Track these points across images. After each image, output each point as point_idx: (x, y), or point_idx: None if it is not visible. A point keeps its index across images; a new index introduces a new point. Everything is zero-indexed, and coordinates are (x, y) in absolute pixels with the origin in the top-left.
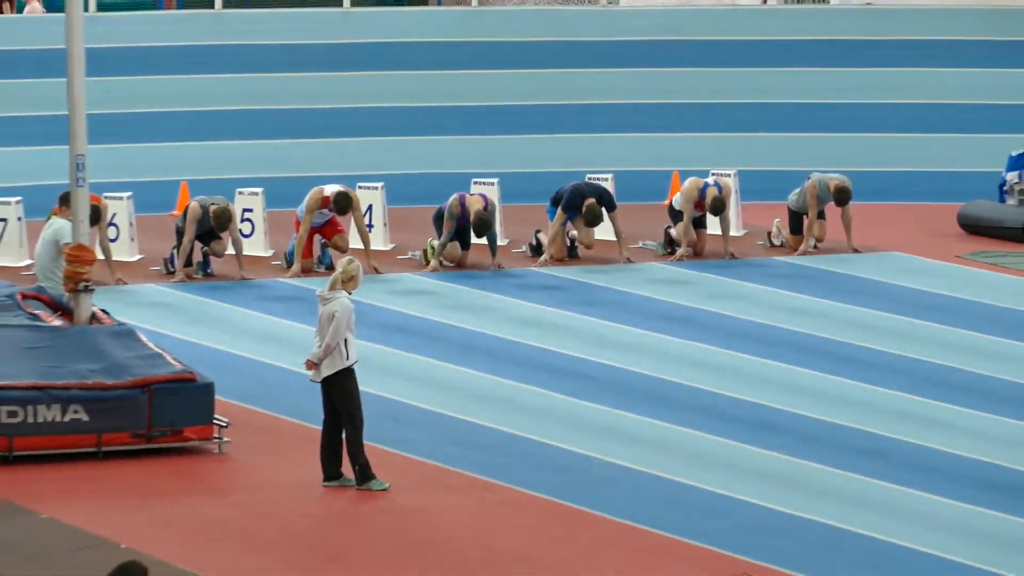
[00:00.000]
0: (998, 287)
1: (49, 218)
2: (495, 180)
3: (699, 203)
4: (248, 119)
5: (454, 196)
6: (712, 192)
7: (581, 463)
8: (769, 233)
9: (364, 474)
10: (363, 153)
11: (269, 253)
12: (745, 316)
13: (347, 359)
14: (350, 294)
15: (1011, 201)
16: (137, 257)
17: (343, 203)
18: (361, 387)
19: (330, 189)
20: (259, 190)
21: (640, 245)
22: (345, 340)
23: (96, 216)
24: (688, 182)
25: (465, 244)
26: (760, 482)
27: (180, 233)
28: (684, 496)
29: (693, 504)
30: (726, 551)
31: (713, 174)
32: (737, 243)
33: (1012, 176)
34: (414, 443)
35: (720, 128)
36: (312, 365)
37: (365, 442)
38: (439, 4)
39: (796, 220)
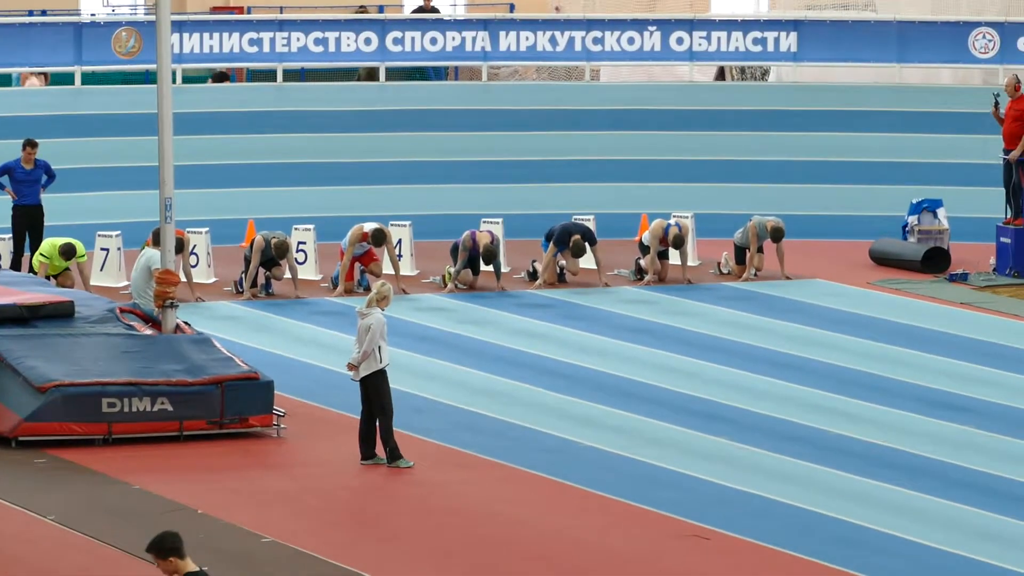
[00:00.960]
0: (901, 307)
1: (143, 248)
2: (500, 219)
3: (663, 239)
4: (303, 170)
5: (467, 232)
6: (674, 230)
7: (566, 446)
8: (719, 263)
9: (393, 454)
10: (395, 197)
11: (319, 277)
12: (699, 329)
13: (380, 362)
14: (383, 310)
15: (912, 239)
16: (213, 280)
17: (379, 237)
18: (391, 385)
19: (368, 226)
20: (311, 226)
21: (615, 272)
22: (379, 347)
23: (180, 247)
24: (655, 222)
25: (476, 271)
26: (709, 462)
27: (247, 260)
28: (648, 473)
29: (655, 479)
30: (681, 517)
31: (674, 216)
32: (693, 271)
33: (913, 219)
34: (434, 430)
35: (681, 179)
36: (352, 367)
37: (395, 429)
38: (456, 79)
39: (740, 253)
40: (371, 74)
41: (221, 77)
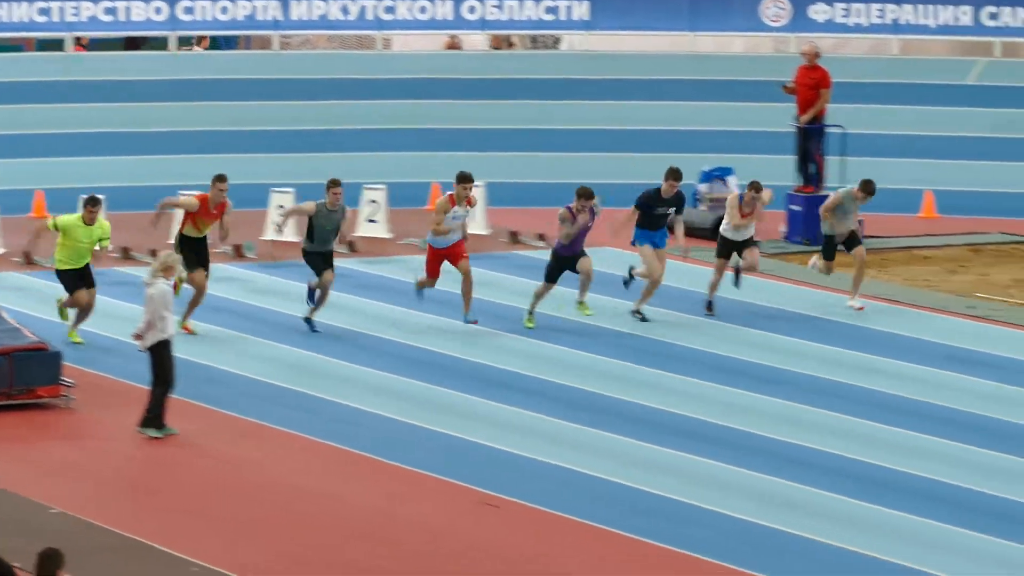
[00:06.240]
0: (691, 275)
1: None
2: (292, 189)
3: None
4: (94, 140)
5: None
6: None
7: (368, 419)
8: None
9: (152, 422)
10: (186, 167)
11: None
12: (488, 297)
13: (164, 333)
14: (168, 280)
15: (702, 207)
16: (1, 251)
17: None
18: (188, 356)
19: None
20: (102, 196)
21: (406, 242)
22: (162, 318)
23: None
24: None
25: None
26: (497, 429)
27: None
28: (445, 442)
29: (451, 447)
30: (477, 487)
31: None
32: (483, 240)
33: (703, 187)
34: (225, 399)
35: (473, 148)
36: (138, 337)
37: (191, 400)
38: (248, 47)
39: (829, 246)
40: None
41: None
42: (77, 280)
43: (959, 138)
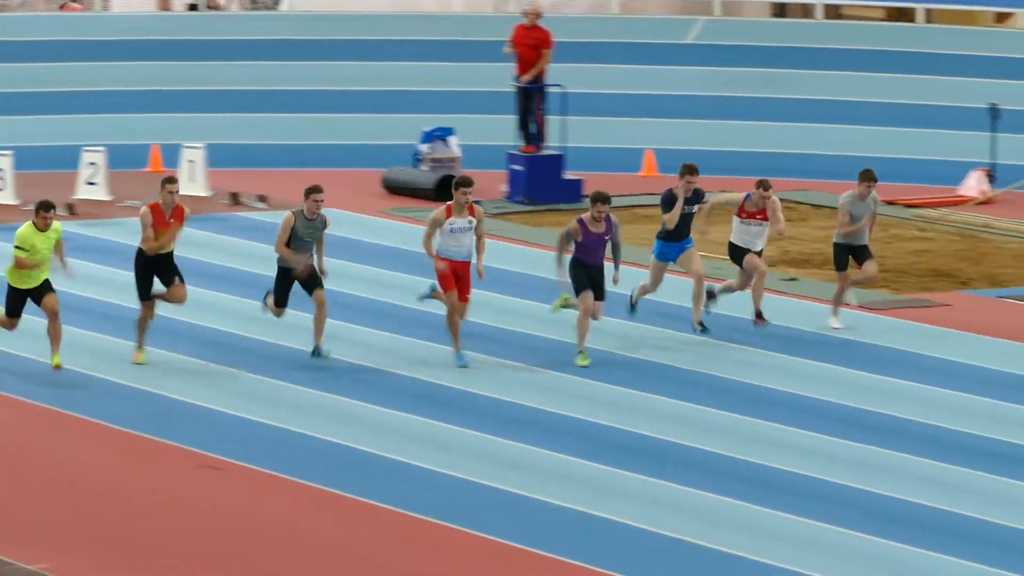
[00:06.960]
0: (414, 235)
1: None
2: (11, 152)
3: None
4: None
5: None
6: None
7: (138, 396)
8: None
9: None
10: None
11: None
12: (213, 261)
13: None
14: None
15: (424, 167)
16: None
17: None
18: None
19: None
20: None
21: (126, 204)
22: None
23: None
24: None
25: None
26: (221, 393)
27: None
28: (166, 406)
29: (170, 412)
30: (199, 449)
31: (185, 146)
32: (204, 202)
33: (425, 147)
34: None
35: (192, 109)
36: None
37: None
38: None
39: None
40: None
41: None
42: (21, 302)
43: (679, 97)
